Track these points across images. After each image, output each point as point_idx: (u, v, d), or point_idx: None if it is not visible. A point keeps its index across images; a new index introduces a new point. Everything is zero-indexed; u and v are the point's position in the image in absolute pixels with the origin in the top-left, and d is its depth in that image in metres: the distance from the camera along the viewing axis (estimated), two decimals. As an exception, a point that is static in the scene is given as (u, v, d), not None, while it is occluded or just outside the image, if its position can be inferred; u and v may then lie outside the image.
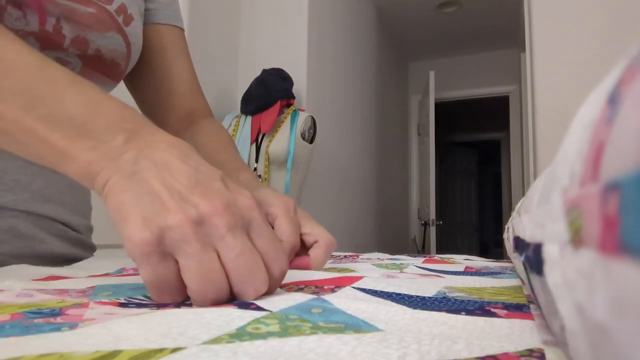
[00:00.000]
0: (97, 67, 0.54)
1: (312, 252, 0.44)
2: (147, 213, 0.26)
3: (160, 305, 0.25)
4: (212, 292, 0.26)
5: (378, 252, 0.81)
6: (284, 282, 0.35)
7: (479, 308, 0.26)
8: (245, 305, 0.24)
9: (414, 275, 0.42)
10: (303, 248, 0.45)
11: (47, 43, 0.48)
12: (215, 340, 0.18)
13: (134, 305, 0.25)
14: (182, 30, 0.70)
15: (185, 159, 0.30)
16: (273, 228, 0.42)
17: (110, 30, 0.53)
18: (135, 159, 0.29)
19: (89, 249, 0.63)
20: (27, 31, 0.46)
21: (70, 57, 0.51)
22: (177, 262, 0.26)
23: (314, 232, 0.46)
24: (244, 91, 1.98)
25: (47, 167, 0.33)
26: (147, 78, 0.66)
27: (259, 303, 0.25)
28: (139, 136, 0.31)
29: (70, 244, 0.59)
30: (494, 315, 0.24)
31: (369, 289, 0.31)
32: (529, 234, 0.20)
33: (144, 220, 0.26)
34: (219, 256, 0.26)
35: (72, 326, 0.20)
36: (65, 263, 0.56)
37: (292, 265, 0.43)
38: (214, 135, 0.63)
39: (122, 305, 0.26)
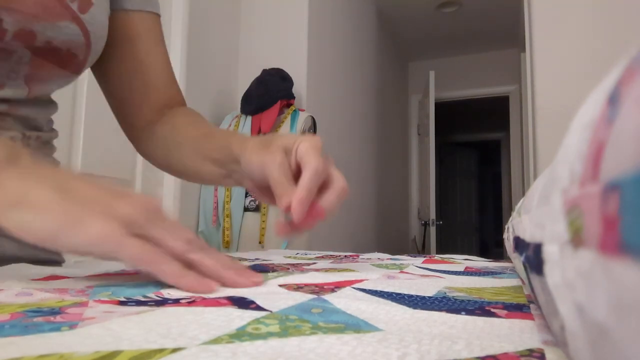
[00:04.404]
0: (48, 57, 0.49)
1: (326, 199, 0.42)
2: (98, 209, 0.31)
3: (159, 304, 0.25)
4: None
5: (378, 252, 0.81)
6: (283, 282, 0.35)
7: (479, 308, 0.26)
8: (245, 305, 0.24)
9: (414, 275, 0.42)
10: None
11: None
12: (215, 341, 0.18)
13: (134, 303, 0.25)
14: (158, 15, 0.64)
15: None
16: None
17: (63, 20, 0.47)
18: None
19: (52, 250, 0.59)
20: None
21: (14, 47, 0.46)
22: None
23: (334, 173, 0.43)
24: (244, 91, 1.98)
25: None
26: (117, 70, 0.61)
27: (259, 302, 0.25)
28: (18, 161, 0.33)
29: (24, 244, 0.54)
30: (494, 315, 0.24)
31: (369, 289, 0.31)
32: (529, 234, 0.20)
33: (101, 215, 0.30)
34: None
35: (72, 325, 0.20)
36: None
37: (307, 215, 0.41)
38: (193, 116, 0.61)
39: (121, 303, 0.26)
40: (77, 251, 0.31)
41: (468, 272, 0.47)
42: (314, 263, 0.55)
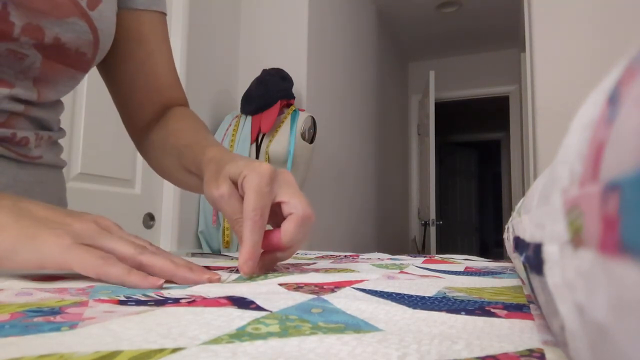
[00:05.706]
0: (59, 58, 0.49)
1: (283, 226, 0.41)
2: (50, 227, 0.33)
3: (159, 304, 0.25)
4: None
5: (378, 252, 0.81)
6: (283, 281, 0.35)
7: (479, 308, 0.26)
8: (245, 305, 0.24)
9: (414, 275, 0.42)
10: (280, 218, 0.42)
11: None
12: (215, 341, 0.18)
13: (134, 303, 0.25)
14: (164, 14, 0.63)
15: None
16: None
17: (71, 16, 0.47)
18: None
19: None
20: None
21: (25, 48, 0.46)
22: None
23: (291, 202, 0.42)
24: (244, 91, 1.98)
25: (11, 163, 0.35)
26: (121, 69, 0.61)
27: (259, 303, 0.25)
28: None
29: None
30: (493, 315, 0.24)
31: (369, 289, 0.31)
32: (529, 234, 0.20)
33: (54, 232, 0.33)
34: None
35: (72, 325, 0.20)
36: None
37: (262, 245, 0.40)
38: (184, 121, 0.60)
39: (121, 302, 0.26)
40: (32, 265, 0.32)
41: (468, 272, 0.47)
42: (314, 263, 0.55)
